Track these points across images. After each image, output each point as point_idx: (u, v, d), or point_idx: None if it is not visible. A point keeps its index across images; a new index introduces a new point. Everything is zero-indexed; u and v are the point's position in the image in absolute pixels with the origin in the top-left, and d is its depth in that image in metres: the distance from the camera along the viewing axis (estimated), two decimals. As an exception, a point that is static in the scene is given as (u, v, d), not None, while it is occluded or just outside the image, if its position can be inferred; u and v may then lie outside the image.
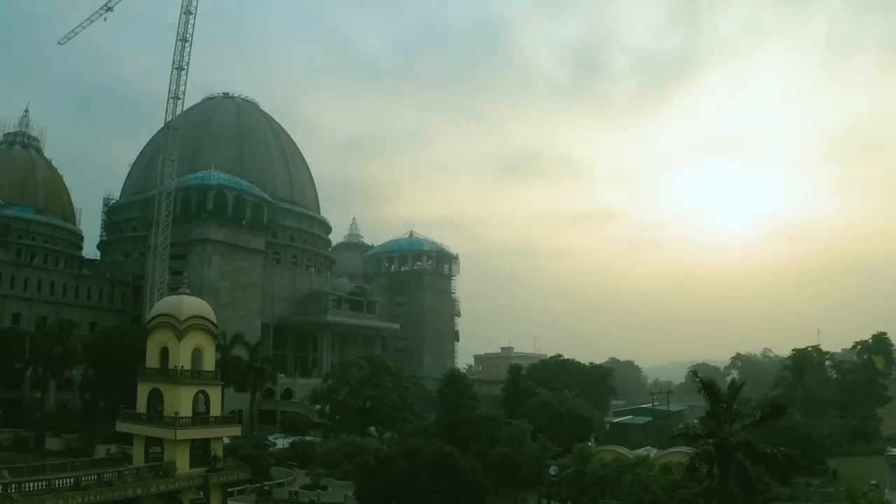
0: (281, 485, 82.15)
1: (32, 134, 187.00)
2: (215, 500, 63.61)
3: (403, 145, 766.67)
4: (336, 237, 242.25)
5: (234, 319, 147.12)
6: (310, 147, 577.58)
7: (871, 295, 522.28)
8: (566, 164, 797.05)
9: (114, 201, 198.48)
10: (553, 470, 76.91)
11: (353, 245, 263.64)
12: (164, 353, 65.12)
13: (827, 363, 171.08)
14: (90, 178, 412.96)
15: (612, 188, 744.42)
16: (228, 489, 66.95)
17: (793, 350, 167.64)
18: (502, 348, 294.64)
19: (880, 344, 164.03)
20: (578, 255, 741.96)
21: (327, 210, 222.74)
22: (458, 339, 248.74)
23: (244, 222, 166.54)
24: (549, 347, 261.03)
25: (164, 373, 64.39)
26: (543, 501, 79.60)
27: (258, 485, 76.61)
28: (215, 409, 66.70)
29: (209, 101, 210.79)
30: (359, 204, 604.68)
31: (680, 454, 66.93)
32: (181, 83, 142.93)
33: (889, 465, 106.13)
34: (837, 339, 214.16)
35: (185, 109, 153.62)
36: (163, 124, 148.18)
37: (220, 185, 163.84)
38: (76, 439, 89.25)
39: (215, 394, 67.19)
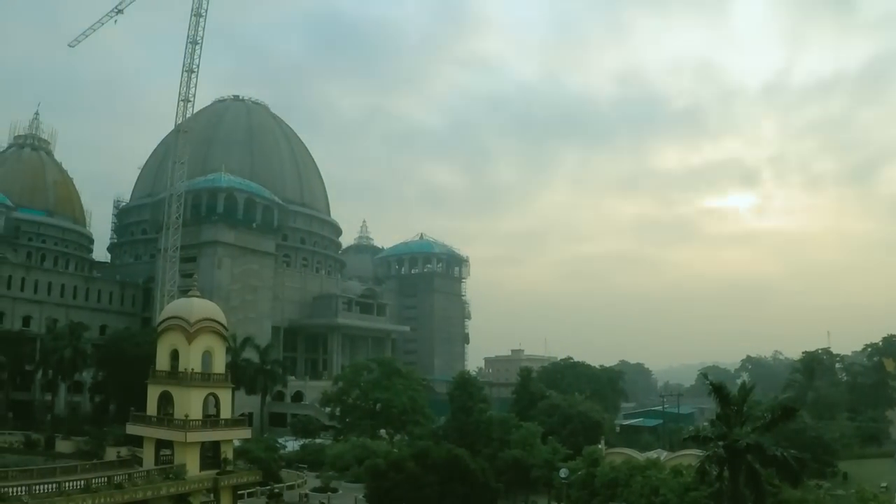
0: (291, 487, 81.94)
1: (43, 136, 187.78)
2: (225, 503, 63.55)
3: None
4: (346, 240, 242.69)
5: (245, 322, 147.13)
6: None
7: (882, 297, 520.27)
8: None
9: (124, 204, 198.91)
10: (563, 473, 76.57)
11: (364, 247, 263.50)
12: (175, 355, 65.08)
13: (837, 366, 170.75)
14: (100, 181, 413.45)
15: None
16: (238, 492, 66.89)
17: (803, 353, 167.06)
18: (512, 351, 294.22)
19: (891, 346, 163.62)
20: (589, 257, 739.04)
21: (337, 212, 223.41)
22: (468, 341, 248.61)
23: (254, 225, 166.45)
24: (559, 350, 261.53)
25: (175, 375, 64.34)
26: (553, 504, 79.51)
27: (268, 487, 76.45)
28: (225, 412, 66.64)
29: (219, 104, 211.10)
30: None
31: (690, 457, 66.40)
32: (191, 85, 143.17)
33: None
34: (848, 342, 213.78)
35: (195, 112, 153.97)
36: (173, 126, 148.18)
37: (231, 187, 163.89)
38: (86, 442, 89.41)
39: (225, 396, 67.13)
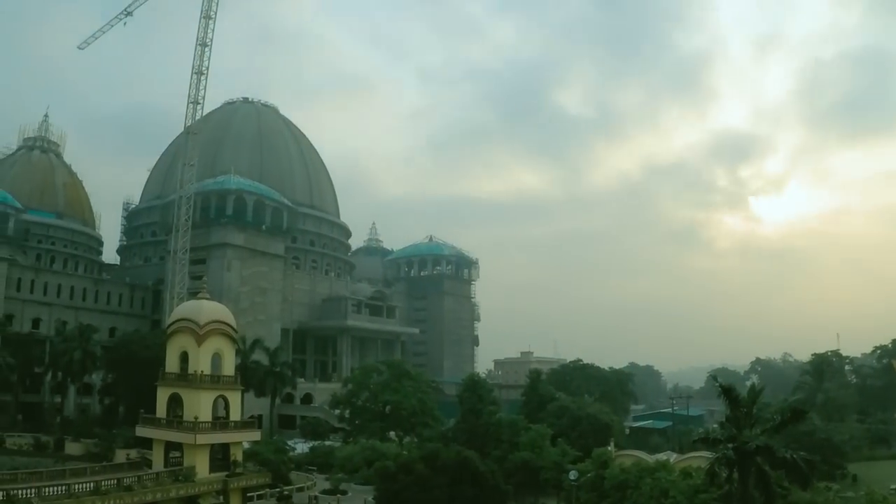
0: (301, 489, 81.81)
1: (52, 139, 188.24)
2: (234, 505, 63.49)
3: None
4: (356, 242, 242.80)
5: (254, 324, 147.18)
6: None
7: (891, 299, 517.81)
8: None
9: (133, 206, 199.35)
10: (573, 475, 76.35)
11: (373, 249, 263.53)
12: (184, 357, 65.02)
13: (847, 368, 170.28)
14: (110, 183, 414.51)
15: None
16: (248, 494, 66.76)
17: (812, 355, 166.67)
18: (522, 353, 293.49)
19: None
20: (599, 260, 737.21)
21: (347, 215, 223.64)
22: (477, 343, 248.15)
23: (264, 227, 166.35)
24: (568, 352, 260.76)
25: (184, 377, 64.27)
26: (562, 506, 79.26)
27: (278, 489, 76.34)
28: (235, 414, 66.57)
29: (229, 106, 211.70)
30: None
31: (700, 459, 66.18)
32: (201, 88, 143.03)
33: None
34: (857, 344, 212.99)
35: (204, 114, 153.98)
36: (182, 129, 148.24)
37: (240, 189, 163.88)
38: (96, 444, 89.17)
39: (235, 398, 67.04)
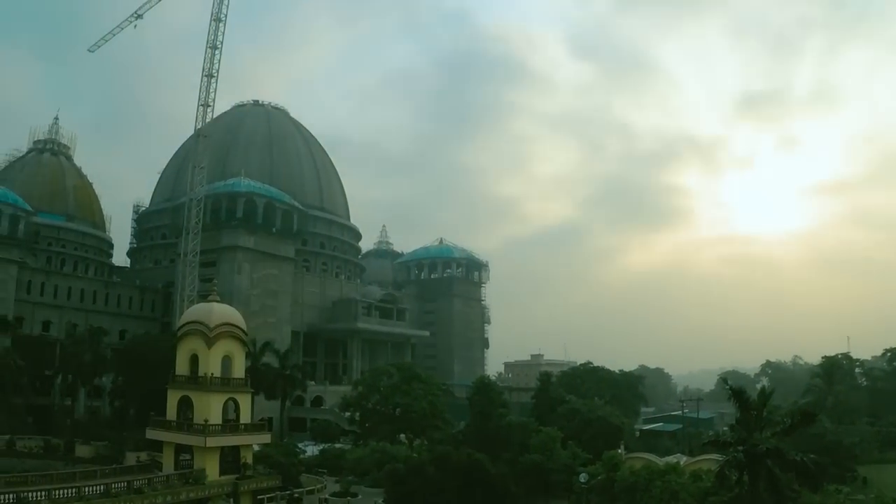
0: (311, 492, 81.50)
1: (62, 141, 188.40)
2: (245, 508, 63.40)
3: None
4: (366, 244, 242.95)
5: (264, 327, 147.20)
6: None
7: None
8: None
9: (144, 208, 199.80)
10: (583, 477, 76.20)
11: (383, 252, 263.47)
12: (194, 360, 65.06)
13: (857, 370, 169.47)
14: (120, 186, 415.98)
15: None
16: (258, 496, 66.56)
17: (823, 357, 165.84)
18: (532, 355, 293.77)
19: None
20: (608, 264, 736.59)
21: (357, 217, 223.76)
22: (487, 346, 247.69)
23: (274, 230, 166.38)
24: (578, 355, 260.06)
25: (194, 380, 64.33)
26: (573, 509, 78.91)
27: (288, 492, 76.06)
28: (245, 417, 66.57)
29: (239, 109, 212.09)
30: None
31: (710, 461, 66.15)
32: (211, 90, 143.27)
33: None
34: (868, 347, 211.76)
35: (215, 117, 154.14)
36: (193, 131, 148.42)
37: (250, 192, 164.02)
38: (106, 446, 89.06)
39: (245, 401, 67.05)
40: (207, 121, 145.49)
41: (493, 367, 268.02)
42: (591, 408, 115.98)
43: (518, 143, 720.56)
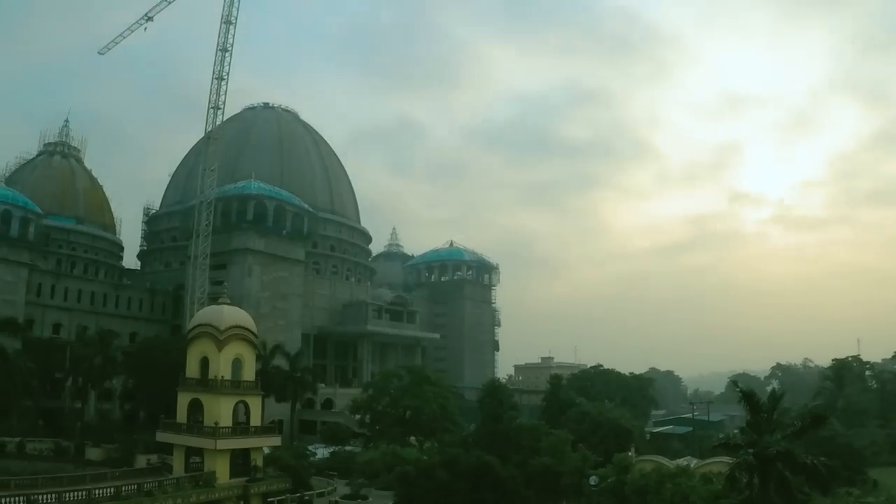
0: (321, 495, 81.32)
1: (73, 144, 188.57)
2: (255, 511, 63.31)
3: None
4: (376, 247, 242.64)
5: (275, 329, 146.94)
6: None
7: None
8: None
9: (154, 211, 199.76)
10: (593, 480, 76.06)
11: (394, 255, 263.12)
12: (205, 362, 65.03)
13: (867, 373, 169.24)
14: (131, 188, 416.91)
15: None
16: (269, 499, 66.45)
17: (833, 360, 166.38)
18: (542, 358, 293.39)
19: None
20: (618, 265, 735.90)
21: (367, 220, 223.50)
22: (498, 348, 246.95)
23: (284, 232, 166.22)
24: (589, 357, 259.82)
25: (205, 383, 64.28)
26: (583, 511, 78.73)
27: (298, 495, 75.93)
28: (255, 419, 66.55)
29: (249, 111, 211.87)
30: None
31: (720, 464, 66.16)
32: (221, 93, 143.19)
33: None
34: (878, 349, 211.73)
35: (225, 119, 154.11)
36: (203, 134, 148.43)
37: (261, 194, 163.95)
38: (116, 449, 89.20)
39: (255, 404, 67.02)
40: (218, 123, 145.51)
41: (504, 369, 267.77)
42: (601, 410, 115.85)
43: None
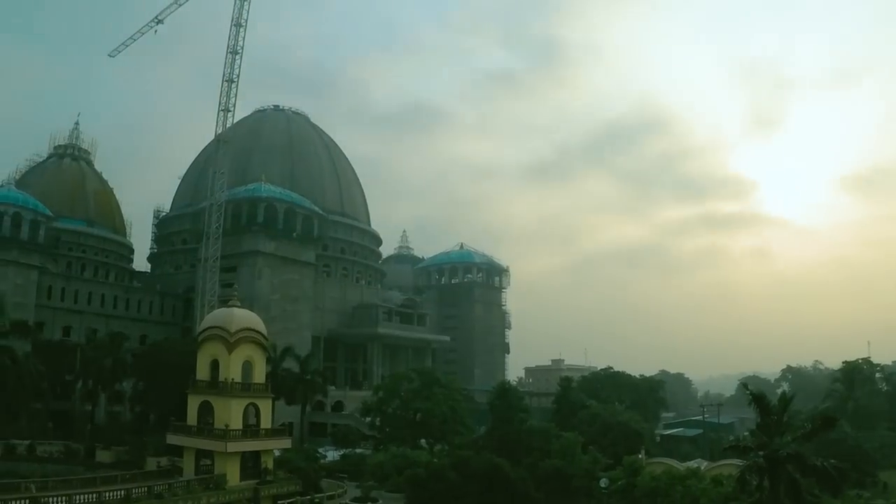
0: (331, 497, 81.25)
1: (83, 146, 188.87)
2: (265, 513, 63.22)
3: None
4: (386, 249, 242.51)
5: (285, 332, 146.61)
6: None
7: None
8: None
9: (164, 213, 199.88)
10: (604, 482, 76.17)
11: (404, 257, 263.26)
12: (215, 365, 64.99)
13: (877, 375, 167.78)
14: (141, 191, 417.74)
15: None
16: (279, 501, 66.44)
17: (843, 362, 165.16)
18: (553, 360, 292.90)
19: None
20: (627, 267, 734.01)
21: (377, 222, 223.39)
22: (508, 351, 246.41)
23: (295, 235, 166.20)
24: (599, 360, 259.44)
25: (215, 385, 64.25)
26: (594, 513, 78.61)
27: (308, 497, 75.82)
28: (266, 422, 66.48)
29: (259, 114, 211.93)
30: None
31: (730, 466, 66.05)
32: (231, 95, 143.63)
33: None
34: (888, 352, 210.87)
35: (235, 122, 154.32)
36: (213, 136, 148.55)
37: (271, 197, 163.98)
38: (126, 451, 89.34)
39: (266, 406, 66.92)
40: (228, 126, 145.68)
41: (514, 372, 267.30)
42: (611, 413, 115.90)
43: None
